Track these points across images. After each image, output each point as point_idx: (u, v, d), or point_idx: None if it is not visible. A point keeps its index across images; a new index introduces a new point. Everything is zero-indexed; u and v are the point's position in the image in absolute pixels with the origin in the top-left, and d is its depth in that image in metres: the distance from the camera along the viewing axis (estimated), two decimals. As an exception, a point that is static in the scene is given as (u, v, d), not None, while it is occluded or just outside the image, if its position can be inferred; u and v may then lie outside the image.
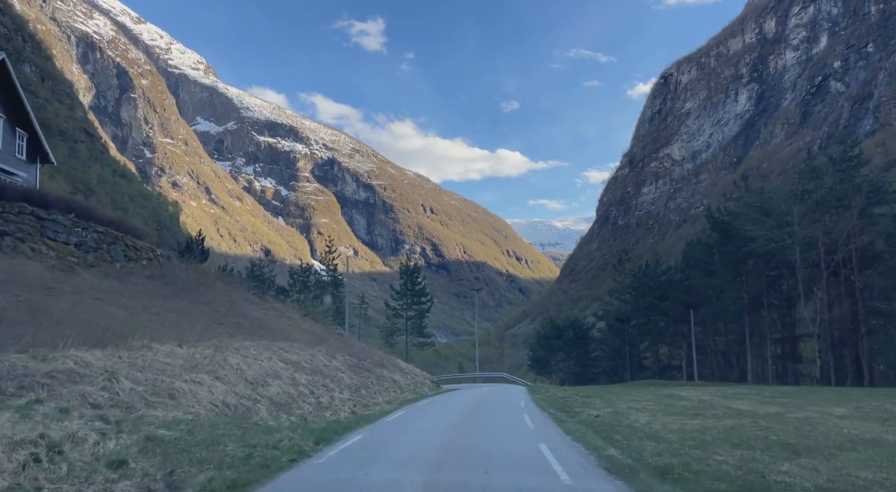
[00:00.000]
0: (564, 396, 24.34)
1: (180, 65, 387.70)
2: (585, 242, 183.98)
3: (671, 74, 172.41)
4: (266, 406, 13.24)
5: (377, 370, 25.81)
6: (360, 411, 16.39)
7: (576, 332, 59.97)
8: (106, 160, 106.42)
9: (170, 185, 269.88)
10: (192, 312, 21.15)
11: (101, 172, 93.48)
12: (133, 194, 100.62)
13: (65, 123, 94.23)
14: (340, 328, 42.07)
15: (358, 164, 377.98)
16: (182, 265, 32.14)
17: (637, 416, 15.32)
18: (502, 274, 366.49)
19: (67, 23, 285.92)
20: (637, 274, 57.72)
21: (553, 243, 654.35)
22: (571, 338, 59.25)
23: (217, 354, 14.40)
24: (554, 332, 60.73)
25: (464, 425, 14.03)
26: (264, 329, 22.54)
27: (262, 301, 34.45)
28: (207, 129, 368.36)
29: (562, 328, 60.53)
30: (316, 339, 26.69)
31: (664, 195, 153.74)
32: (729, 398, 21.15)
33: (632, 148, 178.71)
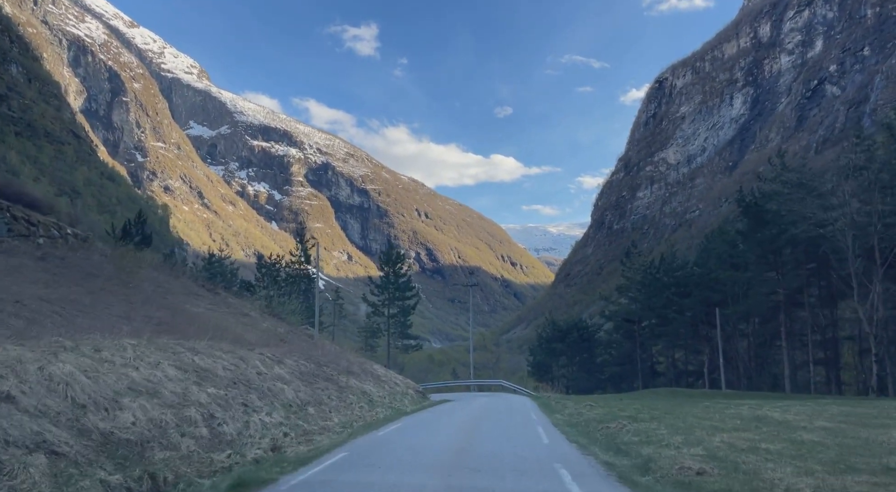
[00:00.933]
0: (594, 416, 17.55)
1: (173, 69, 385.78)
2: (580, 246, 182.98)
3: (666, 78, 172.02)
4: (82, 448, 7.25)
5: (341, 379, 20.33)
6: (290, 446, 10.87)
7: (580, 334, 53.89)
8: (93, 162, 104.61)
9: (162, 189, 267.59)
10: (88, 303, 16.11)
11: (87, 174, 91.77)
12: (121, 197, 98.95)
13: (51, 124, 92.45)
14: (312, 329, 35.85)
15: (352, 168, 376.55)
16: (106, 250, 26.32)
17: (780, 470, 8.36)
18: (497, 279, 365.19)
19: (59, 26, 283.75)
20: (648, 269, 51.92)
21: (548, 248, 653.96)
22: (575, 341, 53.69)
23: (47, 357, 8.91)
24: (556, 334, 54.73)
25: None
26: (197, 327, 17.12)
27: (213, 295, 29.71)
28: (201, 133, 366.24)
29: (564, 330, 54.39)
30: (273, 340, 22.71)
31: (659, 199, 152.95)
32: (864, 425, 13.58)
33: (627, 152, 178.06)
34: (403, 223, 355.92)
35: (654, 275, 50.24)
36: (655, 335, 50.59)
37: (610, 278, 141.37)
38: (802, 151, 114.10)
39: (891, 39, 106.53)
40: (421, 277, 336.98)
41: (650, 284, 49.23)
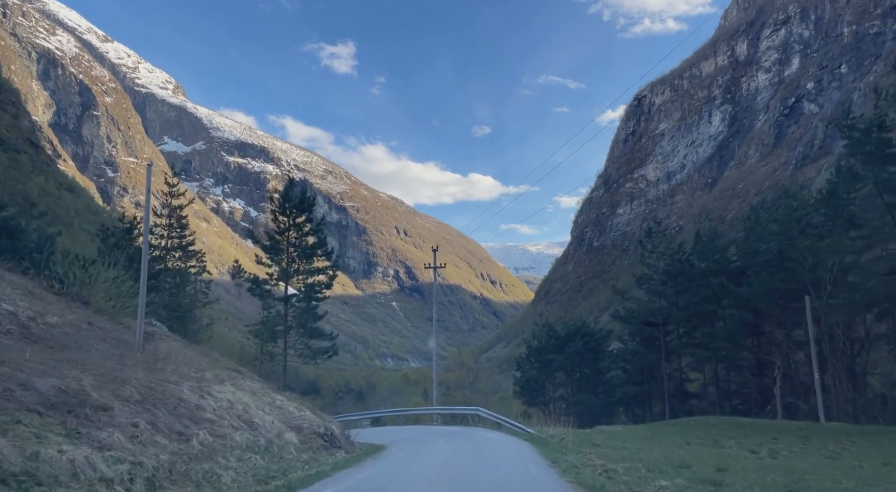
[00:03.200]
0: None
1: (148, 84, 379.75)
2: (560, 263, 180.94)
3: (645, 96, 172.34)
4: None
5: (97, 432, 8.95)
6: None
7: (585, 343, 40.31)
8: (52, 173, 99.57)
9: (132, 205, 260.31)
10: None
11: (44, 185, 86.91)
12: (80, 209, 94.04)
13: (7, 132, 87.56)
14: (157, 324, 23.18)
15: (330, 185, 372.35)
16: None
17: None
18: (476, 297, 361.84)
19: (28, 38, 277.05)
20: (677, 254, 38.56)
21: (527, 267, 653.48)
22: (578, 351, 40.43)
23: None
24: (552, 343, 41.27)
25: None
26: None
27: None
28: (175, 148, 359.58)
29: (564, 338, 40.95)
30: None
31: (639, 216, 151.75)
32: None
33: (606, 169, 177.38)
34: (382, 241, 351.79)
35: (684, 260, 37.64)
36: (687, 343, 37.65)
37: (591, 295, 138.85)
38: (782, 167, 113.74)
39: (868, 57, 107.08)
40: (399, 296, 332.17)
41: (680, 274, 36.63)
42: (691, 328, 37.54)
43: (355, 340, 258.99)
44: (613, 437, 20.96)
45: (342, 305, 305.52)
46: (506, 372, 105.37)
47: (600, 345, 41.20)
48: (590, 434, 21.36)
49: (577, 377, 39.72)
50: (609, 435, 21.43)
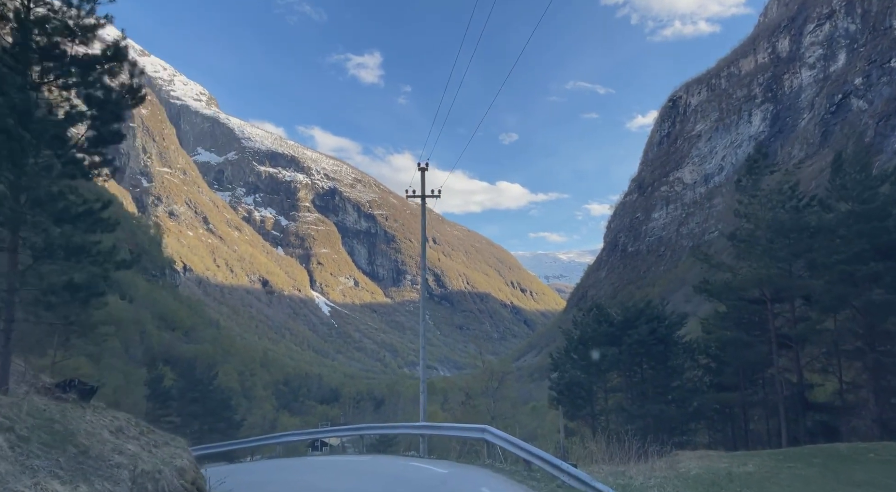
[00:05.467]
0: None
1: (182, 96, 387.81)
2: (593, 270, 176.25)
3: (680, 97, 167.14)
4: None
5: None
6: None
7: (652, 330, 26.44)
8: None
9: (167, 214, 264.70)
10: None
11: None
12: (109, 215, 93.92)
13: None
14: None
15: (359, 194, 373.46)
16: None
17: None
18: (507, 306, 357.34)
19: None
20: (793, 197, 25.89)
21: (558, 276, 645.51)
22: (642, 342, 27.03)
23: None
24: (604, 332, 27.57)
25: None
26: None
27: None
28: (208, 159, 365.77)
29: (621, 324, 27.39)
30: None
31: (675, 220, 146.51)
32: None
33: (640, 173, 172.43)
34: (411, 249, 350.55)
35: (813, 203, 26.12)
36: (813, 329, 24.46)
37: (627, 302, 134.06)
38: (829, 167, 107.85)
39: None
40: (429, 304, 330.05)
41: (801, 226, 24.65)
42: (826, 306, 23.96)
43: (384, 347, 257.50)
44: (749, 483, 13.55)
45: (371, 313, 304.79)
46: (537, 381, 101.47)
47: (672, 333, 26.28)
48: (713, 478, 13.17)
49: (638, 378, 26.50)
50: (743, 480, 13.72)
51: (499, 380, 30.00)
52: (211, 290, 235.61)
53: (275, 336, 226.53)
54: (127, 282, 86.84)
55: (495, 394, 27.90)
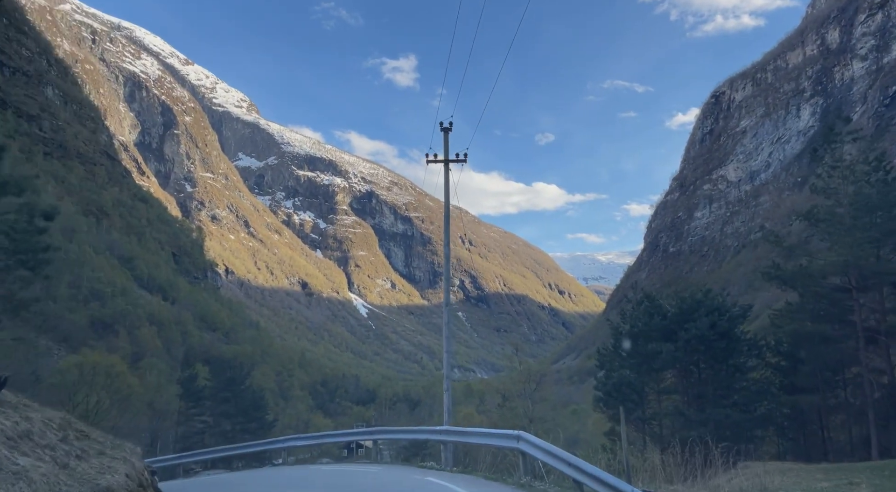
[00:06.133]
0: None
1: (224, 103, 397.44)
2: (633, 271, 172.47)
3: (723, 92, 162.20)
4: None
5: None
6: None
7: (713, 324, 21.12)
8: (126, 184, 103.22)
9: (209, 218, 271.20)
10: None
11: (118, 195, 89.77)
12: (151, 218, 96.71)
13: (84, 146, 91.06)
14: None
15: (396, 196, 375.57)
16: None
17: None
18: (544, 308, 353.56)
19: (116, 63, 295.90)
20: (879, 167, 22.48)
21: (596, 277, 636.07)
22: (702, 338, 21.43)
23: None
24: (657, 326, 22.68)
25: None
26: None
27: None
28: (249, 164, 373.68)
29: (677, 318, 22.29)
30: None
31: (720, 219, 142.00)
32: None
33: (682, 171, 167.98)
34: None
35: None
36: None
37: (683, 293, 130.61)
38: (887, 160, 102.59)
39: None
40: (465, 306, 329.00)
41: (894, 204, 21.36)
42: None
43: (421, 349, 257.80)
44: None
45: (408, 315, 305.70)
46: (577, 384, 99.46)
47: (734, 328, 21.73)
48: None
49: (696, 378, 22.54)
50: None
51: (536, 381, 28.18)
52: (252, 292, 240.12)
53: (314, 337, 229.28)
54: (169, 283, 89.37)
55: (533, 396, 26.06)
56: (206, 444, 23.19)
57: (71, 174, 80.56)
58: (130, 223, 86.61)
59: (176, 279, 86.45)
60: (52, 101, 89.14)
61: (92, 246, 70.16)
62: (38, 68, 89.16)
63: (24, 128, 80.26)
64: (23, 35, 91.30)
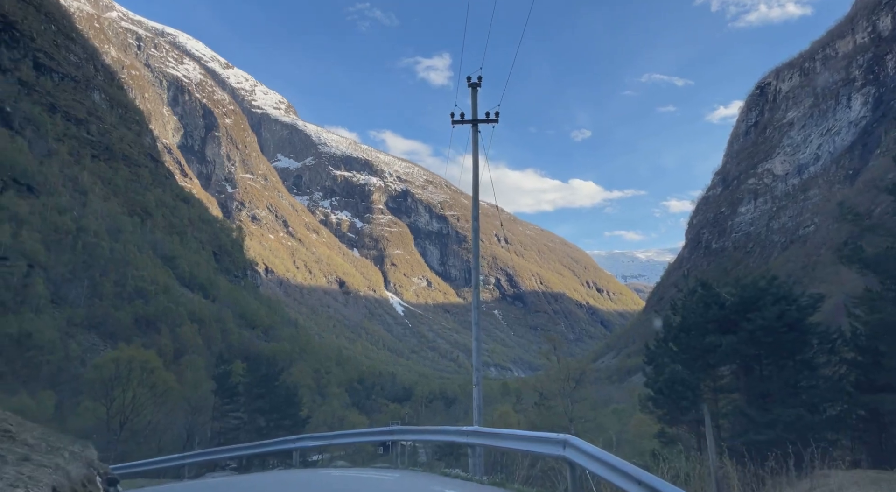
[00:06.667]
0: None
1: (263, 105, 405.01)
2: (674, 268, 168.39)
3: (769, 83, 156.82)
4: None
5: None
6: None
7: (781, 314, 17.15)
8: (169, 185, 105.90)
9: (249, 218, 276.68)
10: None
11: (161, 196, 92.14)
12: (193, 219, 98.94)
13: (129, 148, 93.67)
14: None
15: (431, 195, 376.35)
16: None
17: None
18: (582, 306, 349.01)
19: (160, 68, 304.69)
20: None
21: (636, 275, 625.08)
22: (768, 329, 17.35)
23: None
24: (714, 316, 18.88)
25: None
26: None
27: None
28: (287, 165, 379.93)
29: (737, 307, 18.37)
30: None
31: (765, 214, 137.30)
32: None
33: (724, 165, 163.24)
34: (483, 249, 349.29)
35: None
36: None
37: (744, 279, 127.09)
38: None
39: None
40: (501, 304, 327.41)
41: None
42: None
43: (458, 348, 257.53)
44: None
45: (444, 314, 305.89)
46: (616, 383, 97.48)
47: (804, 318, 19.36)
48: None
49: (759, 375, 19.93)
50: None
51: (576, 379, 26.93)
52: (291, 291, 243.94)
53: (351, 335, 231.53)
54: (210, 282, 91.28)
55: (573, 395, 24.90)
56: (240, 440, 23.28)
57: (116, 176, 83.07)
58: (173, 223, 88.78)
59: (216, 278, 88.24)
60: (98, 105, 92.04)
61: (136, 245, 72.10)
62: (86, 74, 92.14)
63: (73, 131, 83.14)
64: (71, 42, 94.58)
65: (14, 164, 65.56)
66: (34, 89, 80.00)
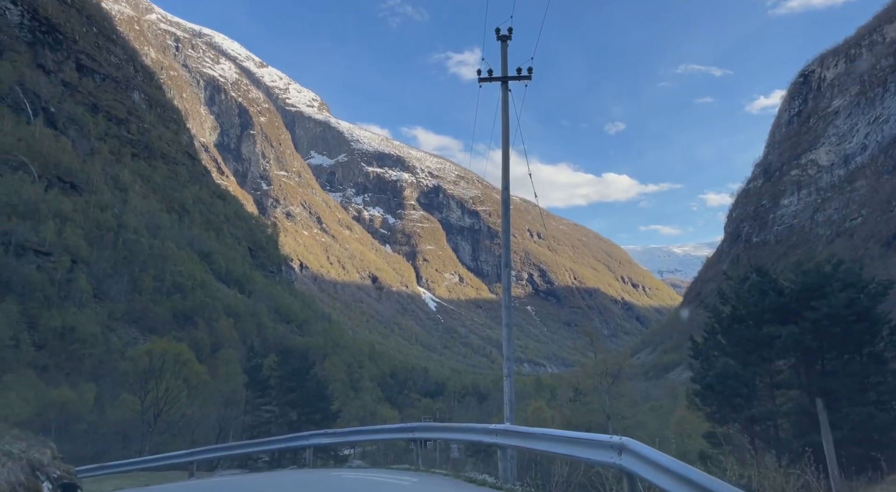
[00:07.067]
0: None
1: (296, 103, 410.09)
2: (712, 263, 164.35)
3: (812, 71, 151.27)
4: None
5: None
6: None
7: (849, 301, 14.86)
8: (206, 183, 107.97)
9: (284, 215, 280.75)
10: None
11: (198, 193, 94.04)
12: (229, 215, 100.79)
13: (167, 146, 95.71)
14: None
15: (463, 190, 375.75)
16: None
17: None
18: (617, 301, 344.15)
19: (197, 68, 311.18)
20: None
21: (672, 270, 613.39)
22: (835, 318, 14.92)
23: None
24: (774, 304, 16.23)
25: None
26: None
27: None
28: (320, 162, 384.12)
29: (799, 294, 15.82)
30: None
31: (809, 207, 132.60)
32: None
33: (766, 157, 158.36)
34: (515, 244, 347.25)
35: None
36: None
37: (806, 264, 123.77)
38: None
39: None
40: (534, 299, 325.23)
41: None
42: None
43: (490, 343, 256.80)
44: None
45: (476, 309, 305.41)
46: (653, 379, 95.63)
47: (873, 308, 17.02)
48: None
49: (821, 369, 17.31)
50: None
51: (614, 375, 25.70)
52: (325, 286, 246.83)
53: (384, 331, 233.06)
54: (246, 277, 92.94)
55: (611, 390, 23.81)
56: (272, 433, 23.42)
57: (155, 174, 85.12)
58: (210, 220, 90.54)
59: (252, 273, 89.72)
60: (138, 105, 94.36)
61: (174, 241, 73.69)
62: (126, 74, 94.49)
63: (114, 130, 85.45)
64: (112, 43, 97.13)
65: (58, 162, 67.62)
66: (77, 90, 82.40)
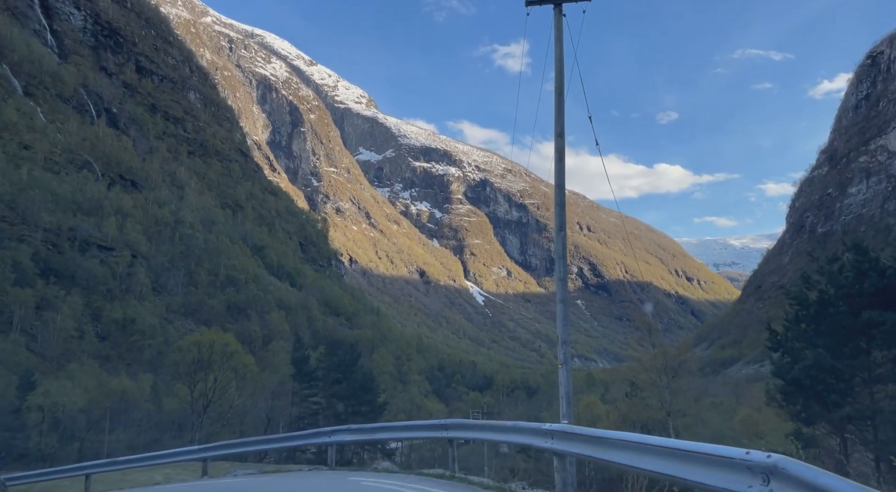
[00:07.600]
0: None
1: (345, 100, 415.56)
2: (774, 255, 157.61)
3: (881, 53, 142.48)
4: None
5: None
6: None
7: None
8: (258, 179, 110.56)
9: (334, 210, 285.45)
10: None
11: (250, 189, 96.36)
12: (280, 210, 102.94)
13: (221, 144, 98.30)
14: None
15: (510, 184, 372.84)
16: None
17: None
18: (671, 295, 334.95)
19: (249, 68, 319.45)
20: None
21: (729, 263, 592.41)
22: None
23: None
24: (874, 286, 13.36)
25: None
26: None
27: None
28: (368, 157, 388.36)
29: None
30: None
31: (880, 195, 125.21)
32: None
33: (831, 143, 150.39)
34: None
35: None
36: None
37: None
38: None
39: None
40: (584, 293, 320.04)
41: None
42: None
43: (539, 338, 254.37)
44: None
45: (525, 303, 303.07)
46: (709, 375, 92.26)
47: None
48: None
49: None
50: None
51: (675, 369, 23.95)
52: (374, 280, 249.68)
53: (432, 324, 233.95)
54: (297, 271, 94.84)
55: (671, 385, 22.39)
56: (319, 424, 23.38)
57: (210, 171, 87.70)
58: (262, 215, 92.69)
59: (303, 267, 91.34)
60: (194, 104, 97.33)
61: (228, 236, 75.70)
62: (182, 75, 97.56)
63: (171, 129, 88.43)
64: (169, 46, 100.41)
65: (120, 161, 70.43)
66: (137, 91, 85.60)
